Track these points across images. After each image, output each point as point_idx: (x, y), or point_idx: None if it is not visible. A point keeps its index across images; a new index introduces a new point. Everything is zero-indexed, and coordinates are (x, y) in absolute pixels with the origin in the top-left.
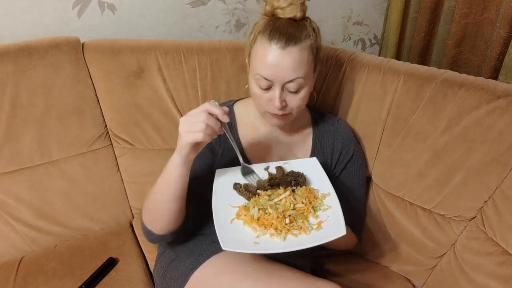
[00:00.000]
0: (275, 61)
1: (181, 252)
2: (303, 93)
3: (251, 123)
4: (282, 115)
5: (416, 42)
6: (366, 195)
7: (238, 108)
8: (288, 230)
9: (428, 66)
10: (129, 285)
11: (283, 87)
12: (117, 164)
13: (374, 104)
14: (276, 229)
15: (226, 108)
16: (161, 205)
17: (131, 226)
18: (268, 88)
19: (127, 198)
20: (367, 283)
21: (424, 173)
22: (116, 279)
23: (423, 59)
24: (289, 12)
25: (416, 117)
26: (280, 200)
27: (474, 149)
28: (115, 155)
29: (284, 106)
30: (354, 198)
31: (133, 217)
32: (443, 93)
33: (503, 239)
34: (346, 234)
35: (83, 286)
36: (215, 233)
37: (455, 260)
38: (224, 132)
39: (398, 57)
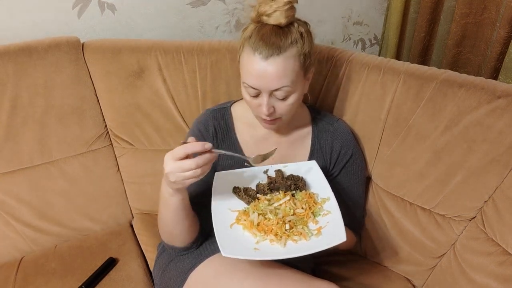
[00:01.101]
0: (260, 70)
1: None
2: (291, 99)
3: (250, 123)
4: (271, 120)
5: (416, 42)
6: (366, 195)
7: (235, 109)
8: (288, 236)
9: (428, 66)
10: (129, 285)
11: (270, 94)
12: (117, 164)
13: (374, 104)
14: (276, 235)
15: (192, 139)
16: (170, 227)
17: (131, 226)
18: (256, 95)
19: (127, 198)
20: (367, 283)
21: (424, 173)
22: (116, 279)
23: (423, 59)
24: (274, 19)
25: (416, 117)
26: (280, 205)
27: (474, 149)
28: (115, 155)
29: (272, 112)
30: (353, 198)
31: (133, 217)
32: (443, 93)
33: (503, 239)
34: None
35: (83, 286)
36: (214, 233)
37: (455, 260)
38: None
39: (398, 57)
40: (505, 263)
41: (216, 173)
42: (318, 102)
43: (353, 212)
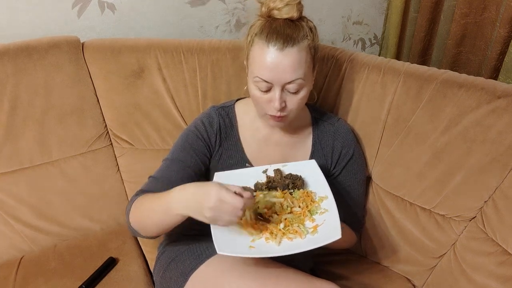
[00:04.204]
0: (274, 63)
1: (181, 252)
2: (303, 93)
3: (252, 123)
4: (280, 116)
5: (416, 42)
6: (366, 194)
7: (239, 107)
8: (284, 234)
9: (428, 66)
10: (129, 285)
11: (283, 88)
12: (117, 164)
13: (374, 104)
14: (271, 233)
15: (248, 192)
16: (154, 228)
17: None
18: (267, 90)
19: (127, 198)
20: (367, 283)
21: (424, 173)
22: (116, 279)
23: (423, 59)
24: (285, 12)
25: (416, 117)
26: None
27: (474, 149)
28: (115, 155)
29: (283, 107)
30: (353, 197)
31: None
32: (443, 93)
33: (503, 239)
34: (345, 233)
35: (83, 286)
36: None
37: (455, 260)
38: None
39: (398, 57)
40: (505, 263)
41: (216, 173)
42: (318, 102)
43: (354, 212)
